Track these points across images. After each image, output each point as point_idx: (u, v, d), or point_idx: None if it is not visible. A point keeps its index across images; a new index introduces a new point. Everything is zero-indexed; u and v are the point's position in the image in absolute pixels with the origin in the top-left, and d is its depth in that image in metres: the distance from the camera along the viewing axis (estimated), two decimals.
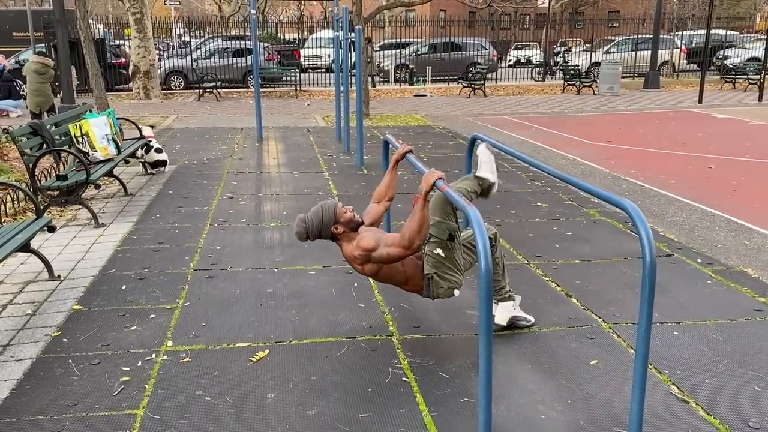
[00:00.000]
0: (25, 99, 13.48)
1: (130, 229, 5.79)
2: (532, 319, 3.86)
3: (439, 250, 3.35)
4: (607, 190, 2.94)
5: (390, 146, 4.47)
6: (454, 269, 3.40)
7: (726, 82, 21.30)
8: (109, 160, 6.74)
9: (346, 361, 3.44)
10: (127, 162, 8.20)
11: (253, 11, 11.00)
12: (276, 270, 4.78)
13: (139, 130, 8.29)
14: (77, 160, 6.33)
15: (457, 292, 3.43)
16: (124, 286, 4.44)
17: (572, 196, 6.90)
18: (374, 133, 11.76)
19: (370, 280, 4.58)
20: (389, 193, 3.71)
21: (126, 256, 5.06)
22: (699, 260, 5.07)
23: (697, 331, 3.84)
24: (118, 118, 7.65)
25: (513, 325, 3.80)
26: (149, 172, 8.12)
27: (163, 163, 8.23)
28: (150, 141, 8.16)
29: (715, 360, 3.49)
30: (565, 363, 3.45)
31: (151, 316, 3.98)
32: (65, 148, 6.54)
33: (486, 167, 3.76)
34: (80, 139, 6.62)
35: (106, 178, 7.41)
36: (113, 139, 6.89)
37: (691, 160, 9.37)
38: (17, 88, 14.80)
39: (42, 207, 5.75)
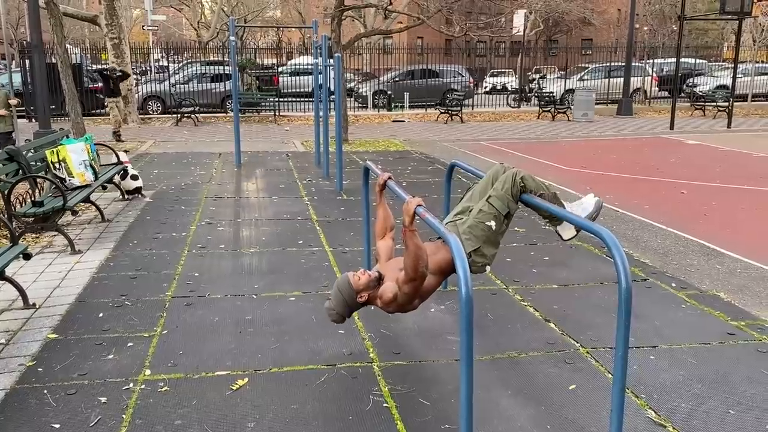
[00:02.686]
0: None
1: (107, 255, 5.73)
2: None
3: (492, 222, 3.34)
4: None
5: (370, 173, 4.51)
6: (495, 245, 3.40)
7: (696, 108, 21.85)
8: (86, 186, 6.69)
9: (327, 389, 3.43)
10: (104, 188, 8.13)
11: (232, 38, 11.07)
12: (255, 296, 4.76)
13: (117, 155, 8.24)
14: (54, 186, 6.27)
15: (488, 269, 3.42)
16: (101, 314, 4.39)
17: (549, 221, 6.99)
18: (353, 158, 11.82)
19: None
20: (388, 223, 3.75)
21: (103, 284, 5.00)
22: (673, 284, 5.16)
23: (672, 355, 3.90)
24: (95, 144, 7.61)
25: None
26: (126, 198, 8.06)
27: (139, 190, 8.18)
28: (127, 167, 8.12)
29: (691, 384, 3.54)
30: (544, 388, 3.48)
31: (129, 344, 3.94)
32: (41, 174, 6.47)
33: (579, 209, 3.55)
34: (57, 165, 6.57)
35: (83, 204, 7.33)
36: (90, 165, 6.84)
37: (664, 185, 9.57)
38: None
39: (17, 234, 5.67)
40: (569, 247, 6.15)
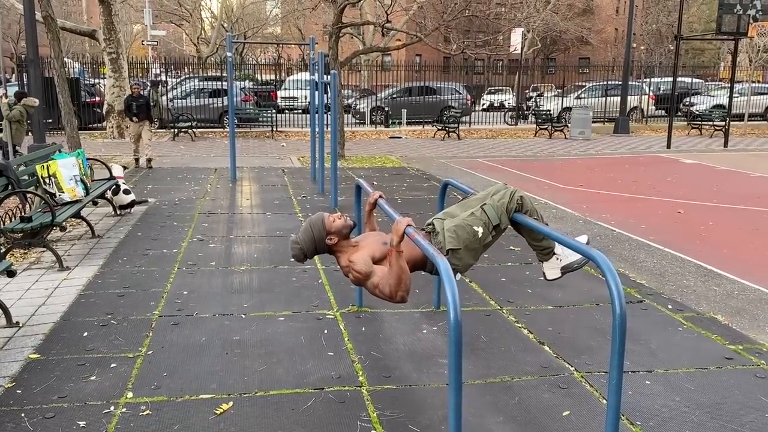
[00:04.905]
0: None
1: (95, 272, 5.64)
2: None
3: (480, 229, 3.24)
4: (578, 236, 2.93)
5: (363, 191, 4.44)
6: (474, 255, 3.30)
7: (693, 128, 21.90)
8: (76, 201, 6.61)
9: (313, 415, 3.34)
10: (95, 203, 8.05)
11: (229, 54, 11.06)
12: (244, 316, 4.67)
13: (109, 170, 8.18)
14: (43, 201, 6.19)
15: (459, 276, 3.31)
16: (85, 333, 4.29)
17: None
18: (349, 175, 11.77)
19: (341, 326, 4.51)
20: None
21: (89, 302, 4.90)
22: (670, 306, 5.08)
23: (669, 380, 3.81)
24: (88, 159, 7.55)
25: (569, 271, 3.57)
26: (118, 213, 7.98)
27: (133, 204, 8.10)
28: (119, 182, 8.04)
29: (688, 411, 3.45)
30: (537, 414, 3.39)
31: (112, 365, 3.84)
32: (31, 189, 6.40)
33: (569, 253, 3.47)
34: (47, 180, 6.50)
35: (73, 219, 7.25)
36: (82, 180, 6.77)
37: (661, 204, 9.52)
38: None
39: (4, 249, 5.59)
40: None
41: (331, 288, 5.34)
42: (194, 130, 18.91)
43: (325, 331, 4.40)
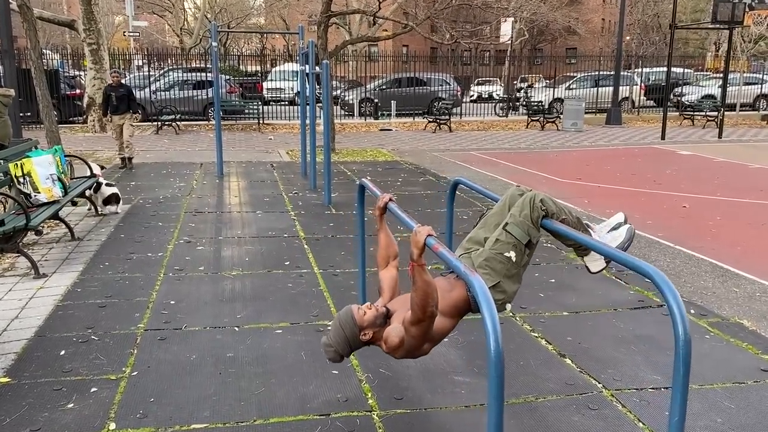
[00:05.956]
0: None
1: (74, 280, 5.21)
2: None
3: (512, 253, 2.92)
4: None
5: (366, 191, 4.07)
6: (517, 279, 2.98)
7: (685, 118, 21.71)
8: (53, 202, 6.17)
9: None
10: (74, 203, 7.59)
11: (214, 44, 10.60)
12: (237, 329, 4.29)
13: (90, 167, 7.73)
14: (17, 203, 5.75)
15: (509, 307, 3.01)
16: (62, 351, 3.89)
17: (550, 238, 6.59)
18: (341, 169, 11.37)
19: None
20: (391, 251, 3.27)
21: (68, 314, 4.49)
22: (692, 311, 4.77)
23: (705, 397, 3.49)
24: (66, 156, 7.09)
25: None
26: (100, 213, 7.53)
27: (116, 198, 7.60)
28: (99, 180, 7.59)
29: None
30: None
31: (93, 389, 3.44)
32: (3, 190, 5.95)
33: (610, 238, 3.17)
34: (21, 180, 6.04)
35: (52, 221, 6.79)
36: (59, 179, 6.33)
37: (664, 198, 9.23)
38: None
39: None
40: (575, 267, 5.75)
41: (331, 295, 4.96)
42: (178, 123, 18.38)
43: None
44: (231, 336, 4.17)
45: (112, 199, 7.57)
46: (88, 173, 7.80)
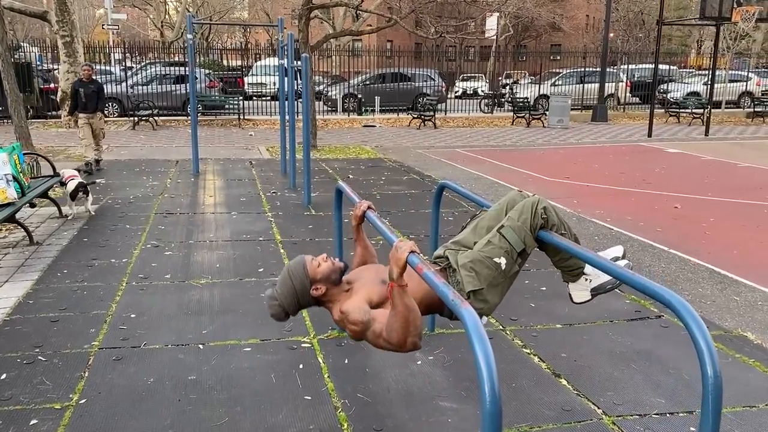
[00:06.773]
0: None
1: (27, 290, 4.80)
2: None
3: (502, 260, 2.59)
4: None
5: (343, 196, 3.71)
6: (500, 292, 2.64)
7: (671, 115, 21.56)
8: (8, 204, 5.73)
9: None
10: (32, 205, 7.10)
11: (189, 36, 10.15)
12: (202, 346, 3.91)
13: (53, 166, 7.28)
14: None
15: (485, 319, 2.66)
16: (3, 375, 3.49)
17: None
18: (322, 167, 10.99)
19: (319, 358, 3.78)
20: (368, 261, 2.93)
21: (14, 330, 4.08)
22: None
23: None
24: (25, 154, 6.64)
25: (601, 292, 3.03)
26: (63, 215, 7.08)
27: (84, 188, 6.91)
28: (62, 178, 7.10)
29: None
30: None
31: (33, 421, 3.05)
32: None
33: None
34: None
35: (9, 224, 6.34)
36: (15, 179, 5.88)
37: (655, 198, 8.96)
38: None
39: None
40: None
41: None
42: (156, 118, 17.86)
43: (301, 366, 3.66)
44: (194, 355, 3.78)
45: (80, 191, 6.86)
46: (52, 172, 7.35)
